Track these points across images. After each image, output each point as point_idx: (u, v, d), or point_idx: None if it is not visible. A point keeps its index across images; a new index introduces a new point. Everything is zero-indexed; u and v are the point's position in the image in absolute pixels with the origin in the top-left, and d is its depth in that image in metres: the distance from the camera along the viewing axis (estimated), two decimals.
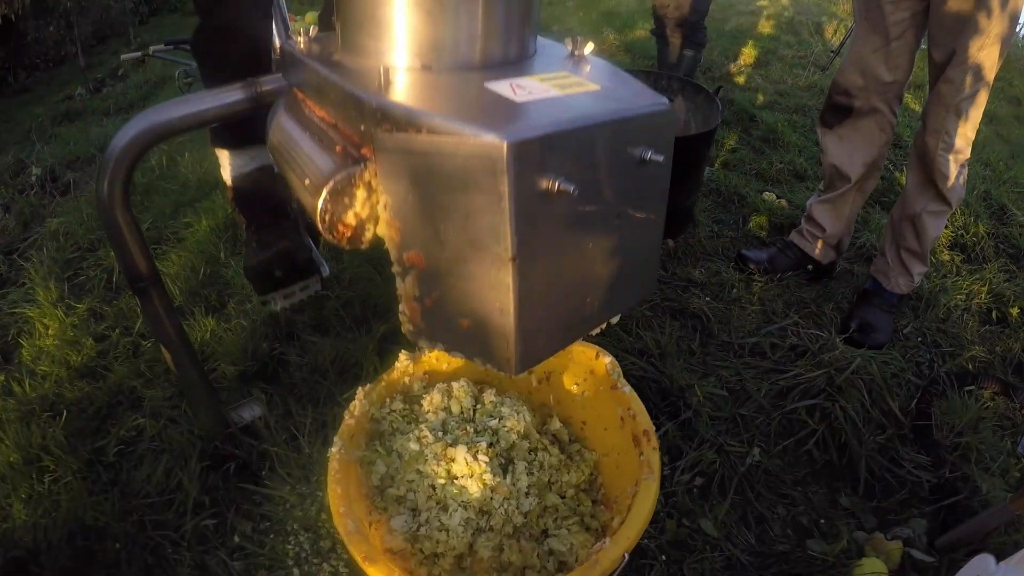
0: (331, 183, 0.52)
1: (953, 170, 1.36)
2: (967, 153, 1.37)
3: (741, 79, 3.00)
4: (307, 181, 0.55)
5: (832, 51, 3.10)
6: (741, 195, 2.06)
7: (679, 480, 1.11)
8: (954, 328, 1.53)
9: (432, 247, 0.53)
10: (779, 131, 2.46)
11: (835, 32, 3.53)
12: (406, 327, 0.62)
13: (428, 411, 0.93)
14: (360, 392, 0.92)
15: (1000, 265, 1.76)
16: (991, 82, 1.29)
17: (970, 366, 1.41)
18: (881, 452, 1.19)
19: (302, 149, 0.59)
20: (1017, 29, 1.31)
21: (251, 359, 1.39)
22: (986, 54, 1.23)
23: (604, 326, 0.66)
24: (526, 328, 0.53)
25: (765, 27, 3.73)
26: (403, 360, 0.97)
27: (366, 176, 0.53)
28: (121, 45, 4.82)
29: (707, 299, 1.58)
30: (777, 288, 1.65)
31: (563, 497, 0.94)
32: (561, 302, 0.56)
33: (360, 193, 0.54)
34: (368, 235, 0.57)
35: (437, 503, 0.88)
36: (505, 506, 0.87)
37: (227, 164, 1.21)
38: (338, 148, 0.55)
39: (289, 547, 1.06)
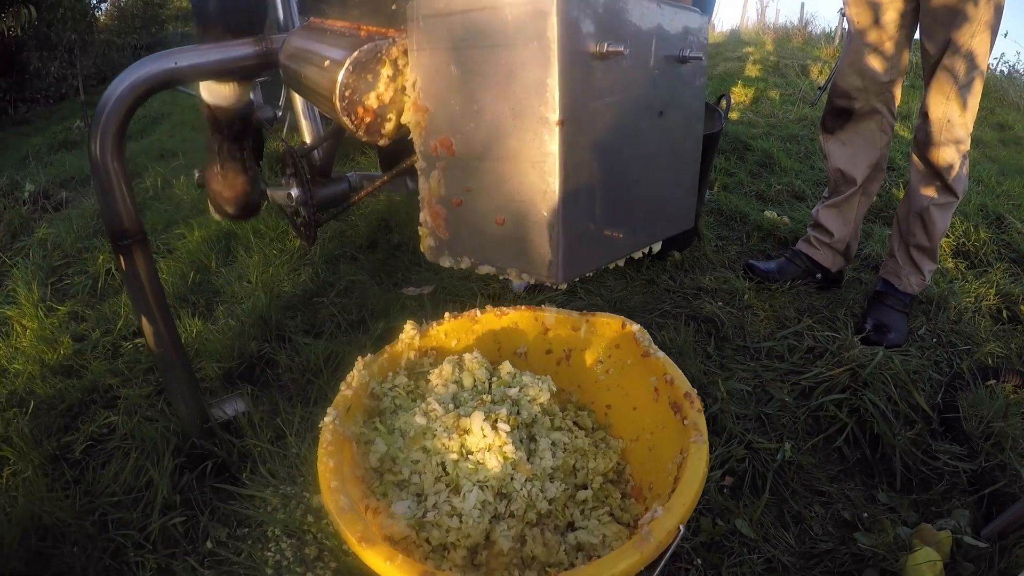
0: (356, 53, 0.47)
1: (956, 160, 1.37)
2: (967, 144, 1.38)
3: (734, 115, 3.07)
4: (327, 63, 0.50)
5: (819, 88, 3.20)
6: (743, 213, 2.05)
7: (710, 477, 1.02)
8: (967, 328, 1.50)
9: (465, 126, 0.48)
10: (775, 156, 2.49)
11: (820, 72, 3.67)
12: (426, 244, 0.55)
13: (436, 385, 0.84)
14: (359, 362, 0.83)
15: (1004, 268, 1.76)
16: (984, 71, 1.33)
17: (989, 361, 1.37)
18: (914, 445, 1.11)
19: (321, 45, 0.54)
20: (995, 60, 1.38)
21: (237, 358, 1.30)
22: (978, 41, 1.27)
23: (646, 251, 0.60)
24: (571, 218, 0.47)
25: (752, 71, 3.87)
26: (409, 331, 0.88)
27: (393, 52, 0.49)
28: None
29: (719, 304, 1.53)
30: (787, 296, 1.60)
31: (586, 487, 0.84)
32: (607, 199, 0.51)
33: (385, 71, 0.49)
34: (389, 126, 0.51)
35: (448, 485, 0.77)
36: (528, 488, 0.76)
37: (211, 89, 1.16)
38: (363, 33, 0.51)
39: (269, 554, 0.93)
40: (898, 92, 1.48)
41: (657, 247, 0.62)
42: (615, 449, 0.86)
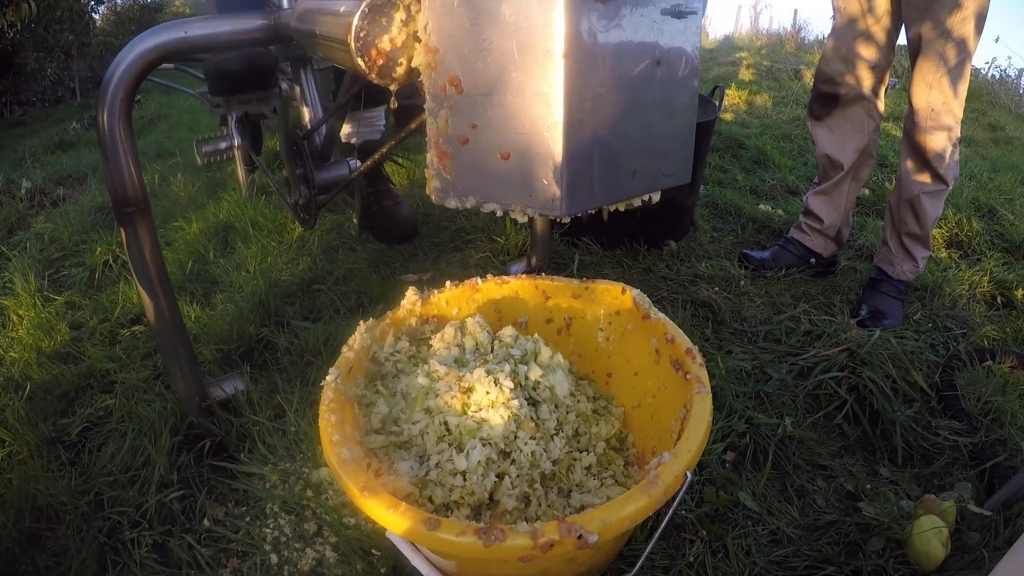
0: None
1: (947, 148, 1.37)
2: (958, 131, 1.38)
3: (728, 115, 3.11)
4: (342, 8, 0.51)
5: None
6: (737, 207, 2.07)
7: (711, 450, 1.02)
8: (962, 313, 1.51)
9: (474, 64, 0.49)
10: (768, 154, 2.52)
11: (813, 77, 3.72)
12: (432, 185, 0.56)
13: (439, 348, 0.84)
14: (361, 326, 0.83)
15: (997, 257, 1.77)
16: (972, 55, 1.32)
17: (985, 343, 1.38)
18: (914, 422, 1.12)
19: (335, 1, 0.55)
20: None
21: (236, 341, 1.30)
22: (966, 28, 1.27)
23: (647, 199, 0.61)
24: (575, 150, 0.48)
25: (746, 75, 3.93)
26: (410, 297, 0.89)
27: None
28: None
29: (716, 290, 1.54)
30: (783, 283, 1.62)
31: (589, 452, 0.84)
32: (608, 137, 0.52)
33: (398, 16, 0.50)
34: (400, 69, 0.53)
35: (451, 444, 0.77)
36: (532, 447, 0.76)
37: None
38: None
39: (267, 531, 0.93)
40: (886, 79, 1.49)
41: (656, 197, 0.62)
42: (617, 416, 0.86)
